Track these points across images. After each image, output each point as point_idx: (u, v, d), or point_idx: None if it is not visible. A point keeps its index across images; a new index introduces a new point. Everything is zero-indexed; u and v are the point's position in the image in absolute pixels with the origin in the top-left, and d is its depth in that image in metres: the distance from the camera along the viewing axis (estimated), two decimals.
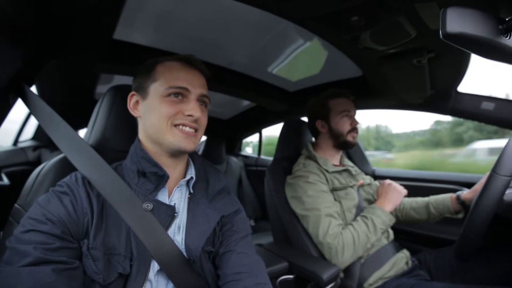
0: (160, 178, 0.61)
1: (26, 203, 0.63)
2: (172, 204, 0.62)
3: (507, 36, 0.46)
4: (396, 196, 1.12)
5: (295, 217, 1.13)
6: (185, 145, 0.60)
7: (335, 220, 1.02)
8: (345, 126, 1.18)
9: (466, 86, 1.19)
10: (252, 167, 2.59)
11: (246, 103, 2.09)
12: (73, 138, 0.64)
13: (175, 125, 0.60)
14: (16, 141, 1.90)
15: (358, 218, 1.06)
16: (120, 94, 0.76)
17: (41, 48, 0.77)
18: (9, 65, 0.68)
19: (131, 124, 0.70)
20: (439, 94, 1.22)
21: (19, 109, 0.77)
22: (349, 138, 1.18)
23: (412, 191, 1.36)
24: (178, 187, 0.65)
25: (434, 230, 1.42)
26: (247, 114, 2.24)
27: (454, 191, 1.18)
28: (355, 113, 1.22)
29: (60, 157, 0.68)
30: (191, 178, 0.66)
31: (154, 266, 0.56)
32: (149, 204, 0.58)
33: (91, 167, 0.59)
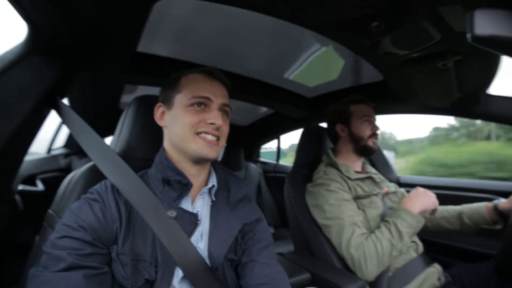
0: (184, 186, 0.62)
1: (59, 209, 0.67)
2: (195, 211, 0.63)
3: None
4: (427, 200, 1.02)
5: (316, 225, 1.11)
6: (207, 152, 0.62)
7: (358, 230, 0.98)
8: (366, 131, 1.15)
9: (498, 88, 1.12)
10: (271, 173, 2.58)
11: (264, 109, 2.10)
12: (101, 147, 0.67)
13: (198, 133, 0.62)
14: (49, 149, 2.03)
15: (381, 224, 1.00)
16: (145, 104, 0.80)
17: (72, 62, 0.82)
18: (45, 80, 0.74)
19: (155, 133, 0.73)
20: (467, 97, 1.16)
21: (50, 119, 0.82)
22: (370, 143, 1.15)
23: (442, 200, 1.28)
24: (200, 195, 0.66)
25: (468, 243, 1.32)
26: (266, 120, 2.25)
27: (487, 200, 1.10)
28: (375, 119, 1.19)
29: (89, 165, 0.72)
30: (213, 186, 0.67)
31: (178, 273, 0.57)
32: (173, 212, 0.59)
33: (119, 175, 0.61)
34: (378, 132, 1.18)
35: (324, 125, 1.37)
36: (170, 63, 1.21)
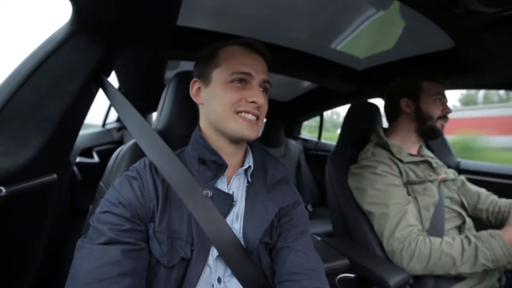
0: (219, 167, 0.61)
1: (108, 182, 0.72)
2: (231, 192, 0.62)
3: None
4: None
5: (359, 210, 1.04)
6: (249, 133, 0.59)
7: (405, 221, 0.89)
8: (437, 111, 1.01)
9: None
10: (312, 151, 2.50)
11: (307, 84, 1.97)
12: (141, 125, 0.69)
13: (238, 112, 0.59)
14: (104, 123, 2.22)
15: (458, 237, 0.84)
16: (185, 80, 0.79)
17: (115, 40, 0.84)
18: (91, 59, 0.76)
19: (195, 110, 0.72)
20: None
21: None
22: (438, 124, 1.01)
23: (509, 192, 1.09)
24: (236, 175, 0.64)
25: None
26: (308, 96, 2.12)
27: None
28: (447, 101, 1.03)
29: (133, 141, 0.75)
30: (249, 167, 0.65)
31: (214, 252, 0.58)
32: (209, 192, 0.59)
33: (156, 154, 0.62)
34: (449, 115, 1.02)
35: (375, 101, 1.22)
36: (210, 35, 1.17)
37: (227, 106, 0.58)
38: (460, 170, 1.48)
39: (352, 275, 0.90)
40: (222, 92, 0.59)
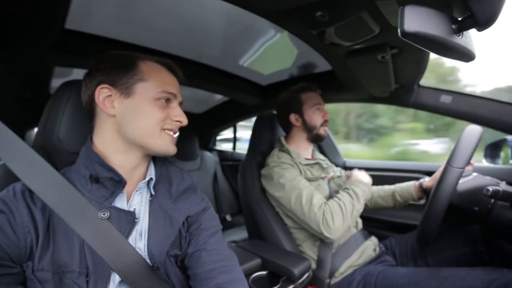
0: (117, 184, 0.56)
1: None
2: (132, 209, 0.58)
3: (459, 36, 0.48)
4: (362, 175, 1.17)
5: (268, 210, 1.14)
6: (172, 149, 0.62)
7: (316, 195, 1.03)
8: (318, 119, 1.20)
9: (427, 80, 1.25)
10: (228, 161, 2.57)
11: (219, 96, 2.05)
12: (11, 141, 0.55)
13: (163, 129, 0.60)
14: None
15: (340, 190, 1.10)
16: (76, 89, 0.69)
17: None
18: None
19: (88, 123, 0.64)
20: (403, 88, 1.28)
21: None
22: (321, 131, 1.22)
23: (380, 180, 1.42)
24: (137, 190, 0.61)
25: (399, 217, 1.51)
26: (221, 108, 2.19)
27: (417, 179, 1.25)
28: (323, 106, 1.25)
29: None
30: (151, 179, 0.63)
31: (115, 278, 0.53)
32: (105, 212, 0.54)
33: (34, 176, 0.52)
34: (327, 119, 1.24)
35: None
36: (108, 43, 1.08)
37: (155, 123, 0.58)
38: (346, 167, 1.82)
39: (264, 272, 0.97)
40: (149, 108, 0.58)
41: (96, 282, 0.50)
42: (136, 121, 0.57)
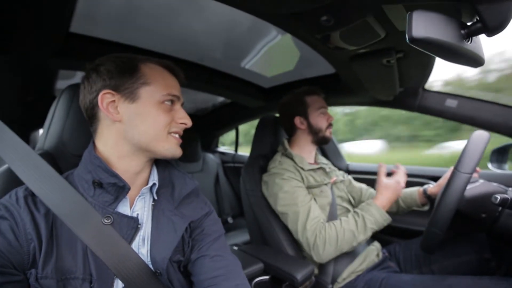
0: (120, 189, 0.56)
1: None
2: (135, 215, 0.58)
3: (468, 41, 0.47)
4: (396, 194, 1.08)
5: (271, 215, 1.13)
6: (179, 152, 0.62)
7: (312, 213, 1.02)
8: (323, 122, 1.20)
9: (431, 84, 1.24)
10: (229, 163, 2.56)
11: (221, 99, 2.05)
12: (16, 145, 0.55)
13: (169, 133, 0.60)
14: None
15: (350, 214, 1.05)
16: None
17: None
18: None
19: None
20: (408, 92, 1.26)
21: None
22: (327, 133, 1.21)
23: None
24: (140, 195, 0.60)
25: (404, 222, 1.49)
26: (223, 110, 2.19)
27: (422, 184, 1.23)
28: (327, 109, 1.24)
29: (5, 167, 0.61)
30: (154, 184, 0.62)
31: (118, 284, 0.52)
32: (109, 217, 0.53)
33: (39, 180, 0.51)
34: (332, 122, 1.23)
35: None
36: (112, 46, 1.08)
37: (162, 127, 0.58)
38: (349, 171, 1.80)
39: (267, 277, 0.96)
40: (155, 113, 0.57)
41: None
42: (143, 126, 0.57)
